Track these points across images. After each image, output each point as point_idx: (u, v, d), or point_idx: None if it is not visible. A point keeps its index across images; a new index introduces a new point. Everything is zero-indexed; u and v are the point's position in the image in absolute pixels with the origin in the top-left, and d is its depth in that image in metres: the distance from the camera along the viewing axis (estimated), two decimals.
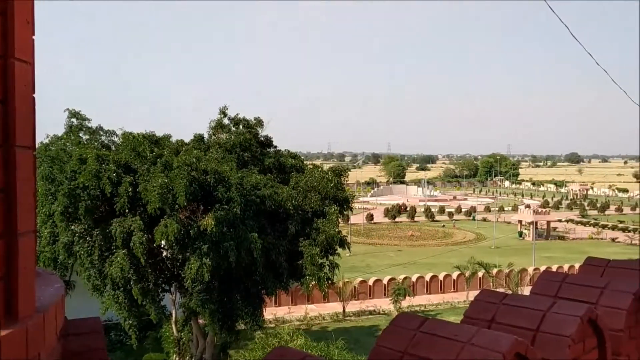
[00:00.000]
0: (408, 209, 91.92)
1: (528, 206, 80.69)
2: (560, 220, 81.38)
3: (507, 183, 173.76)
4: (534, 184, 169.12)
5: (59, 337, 1.82)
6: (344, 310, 36.38)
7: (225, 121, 23.27)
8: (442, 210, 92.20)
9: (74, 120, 21.67)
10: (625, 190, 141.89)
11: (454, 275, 43.13)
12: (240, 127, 22.95)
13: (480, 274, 41.71)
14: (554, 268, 43.45)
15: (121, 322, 20.12)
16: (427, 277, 43.01)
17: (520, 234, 72.58)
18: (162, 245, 19.64)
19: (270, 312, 33.51)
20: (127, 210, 17.63)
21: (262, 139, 23.51)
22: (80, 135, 21.66)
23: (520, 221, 74.25)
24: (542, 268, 43.01)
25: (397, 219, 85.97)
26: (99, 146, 21.46)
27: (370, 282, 41.08)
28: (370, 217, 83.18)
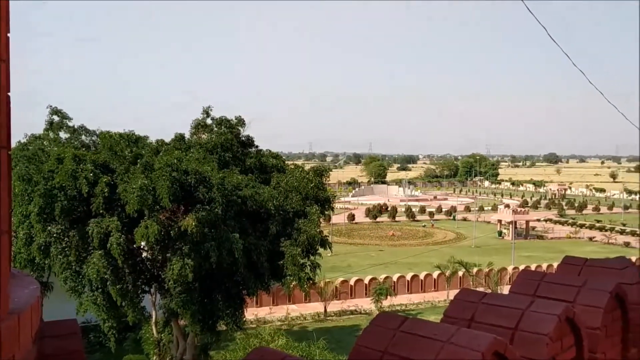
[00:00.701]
0: (389, 208, 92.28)
1: (507, 206, 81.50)
2: (539, 220, 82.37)
3: (486, 183, 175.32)
4: (513, 183, 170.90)
5: (35, 339, 1.79)
6: (325, 310, 36.42)
7: (209, 121, 23.13)
8: (422, 210, 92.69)
9: (55, 117, 21.34)
10: (602, 190, 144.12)
11: (435, 274, 43.42)
12: (223, 127, 22.80)
13: (460, 273, 42.05)
14: (533, 267, 43.99)
15: (100, 324, 19.89)
16: (408, 277, 43.23)
17: (500, 233, 73.28)
18: (142, 246, 19.46)
19: (251, 313, 33.41)
20: (103, 211, 17.42)
21: (244, 139, 23.37)
22: (61, 134, 21.36)
23: (499, 221, 74.96)
24: (521, 267, 43.54)
25: (378, 219, 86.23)
26: (79, 145, 21.19)
27: (352, 282, 41.16)
28: (351, 217, 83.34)
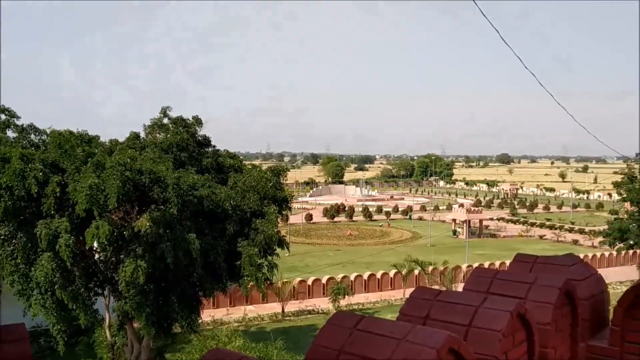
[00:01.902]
0: (346, 208, 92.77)
1: (461, 205, 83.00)
2: (491, 219, 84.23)
3: (441, 183, 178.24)
4: (467, 183, 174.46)
5: None
6: (283, 311, 36.34)
7: (165, 121, 22.78)
8: (379, 210, 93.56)
9: (2, 116, 20.59)
10: (552, 190, 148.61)
11: (391, 273, 43.87)
12: (179, 127, 22.48)
13: (416, 271, 42.62)
14: (486, 265, 44.96)
15: (50, 328, 19.31)
16: (365, 276, 43.54)
17: (454, 232, 74.62)
18: (95, 248, 18.99)
19: (208, 314, 33.07)
20: (53, 212, 16.90)
21: (200, 138, 23.12)
22: (9, 133, 20.62)
23: (454, 220, 76.32)
24: (475, 265, 44.47)
25: (335, 219, 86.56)
26: (28, 145, 20.50)
27: (309, 282, 41.19)
28: (309, 217, 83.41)
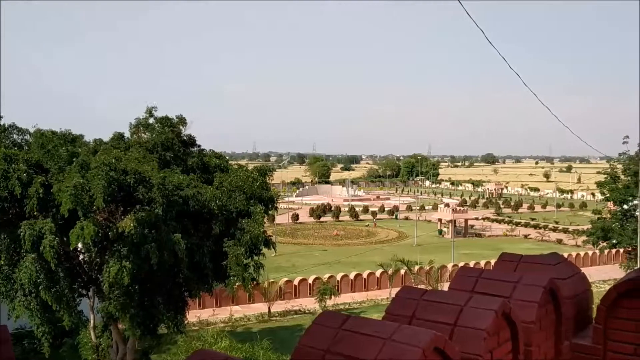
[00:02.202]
0: (333, 208, 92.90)
1: (447, 205, 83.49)
2: (477, 219, 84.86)
3: (427, 183, 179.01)
4: (452, 183, 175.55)
5: None
6: (269, 311, 36.28)
7: (151, 120, 22.62)
8: (366, 210, 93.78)
9: None
10: (537, 189, 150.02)
11: (377, 273, 43.98)
12: (164, 127, 22.33)
13: (402, 271, 42.77)
14: (472, 264, 45.21)
15: (34, 330, 19.10)
16: (352, 276, 43.61)
17: (440, 231, 75.02)
18: (79, 249, 18.81)
19: (194, 315, 32.91)
20: (37, 213, 16.71)
21: (185, 138, 23.00)
22: None
23: (440, 219, 76.73)
24: (461, 264, 44.68)
25: (322, 219, 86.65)
26: (10, 145, 20.26)
27: (296, 282, 41.17)
28: (295, 217, 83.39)
